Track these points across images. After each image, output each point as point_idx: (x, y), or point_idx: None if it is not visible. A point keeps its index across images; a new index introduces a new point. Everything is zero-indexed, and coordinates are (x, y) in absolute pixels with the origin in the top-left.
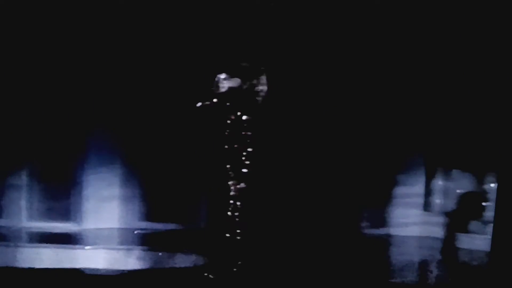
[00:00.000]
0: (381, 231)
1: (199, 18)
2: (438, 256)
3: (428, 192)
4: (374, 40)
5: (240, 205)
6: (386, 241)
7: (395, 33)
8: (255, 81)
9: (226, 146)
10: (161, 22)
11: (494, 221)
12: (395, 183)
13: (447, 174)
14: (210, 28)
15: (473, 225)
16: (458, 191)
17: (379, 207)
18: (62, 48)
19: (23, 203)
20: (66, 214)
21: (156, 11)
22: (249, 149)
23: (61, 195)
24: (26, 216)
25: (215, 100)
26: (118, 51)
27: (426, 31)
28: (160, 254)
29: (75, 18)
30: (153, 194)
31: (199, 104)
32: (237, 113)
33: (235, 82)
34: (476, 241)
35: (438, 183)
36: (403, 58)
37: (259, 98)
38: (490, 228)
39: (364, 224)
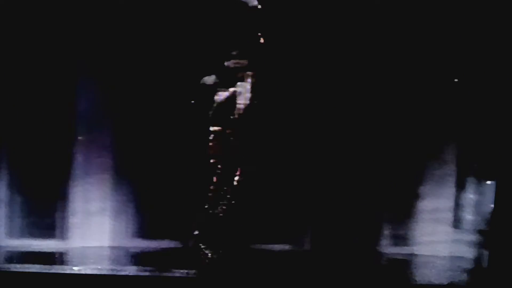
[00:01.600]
0: (404, 250)
1: (185, 16)
2: (469, 279)
3: (458, 207)
4: (392, 40)
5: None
6: (409, 261)
7: (414, 33)
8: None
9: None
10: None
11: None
12: (420, 196)
13: (480, 187)
14: (196, 26)
15: None
16: (492, 205)
17: (401, 223)
18: (46, 51)
19: (1, 218)
20: (50, 231)
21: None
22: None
23: (44, 210)
24: (5, 234)
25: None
26: (104, 56)
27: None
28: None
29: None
30: (149, 207)
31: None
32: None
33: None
34: None
35: (470, 196)
36: (432, 59)
37: (245, 102)
38: None
39: (384, 242)
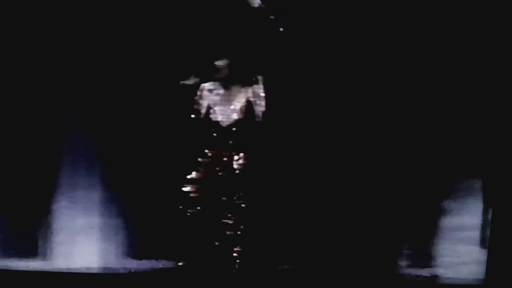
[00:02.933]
0: (426, 271)
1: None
2: None
3: (485, 225)
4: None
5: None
6: (431, 284)
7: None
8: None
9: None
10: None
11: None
12: (444, 212)
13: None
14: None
15: None
16: None
17: (423, 242)
18: (29, 57)
19: None
20: (32, 251)
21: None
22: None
23: (25, 227)
24: None
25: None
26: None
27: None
28: None
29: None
30: (142, 224)
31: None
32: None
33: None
34: None
35: None
36: (454, 66)
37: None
38: None
39: (404, 263)
